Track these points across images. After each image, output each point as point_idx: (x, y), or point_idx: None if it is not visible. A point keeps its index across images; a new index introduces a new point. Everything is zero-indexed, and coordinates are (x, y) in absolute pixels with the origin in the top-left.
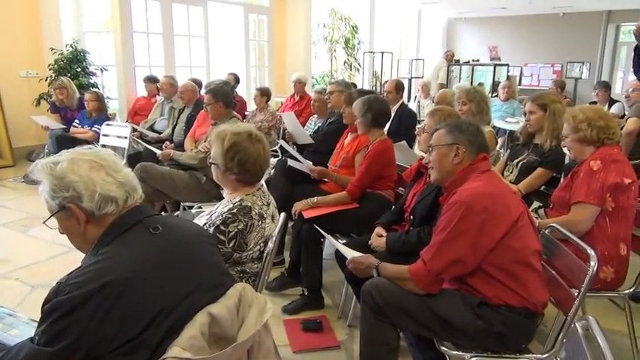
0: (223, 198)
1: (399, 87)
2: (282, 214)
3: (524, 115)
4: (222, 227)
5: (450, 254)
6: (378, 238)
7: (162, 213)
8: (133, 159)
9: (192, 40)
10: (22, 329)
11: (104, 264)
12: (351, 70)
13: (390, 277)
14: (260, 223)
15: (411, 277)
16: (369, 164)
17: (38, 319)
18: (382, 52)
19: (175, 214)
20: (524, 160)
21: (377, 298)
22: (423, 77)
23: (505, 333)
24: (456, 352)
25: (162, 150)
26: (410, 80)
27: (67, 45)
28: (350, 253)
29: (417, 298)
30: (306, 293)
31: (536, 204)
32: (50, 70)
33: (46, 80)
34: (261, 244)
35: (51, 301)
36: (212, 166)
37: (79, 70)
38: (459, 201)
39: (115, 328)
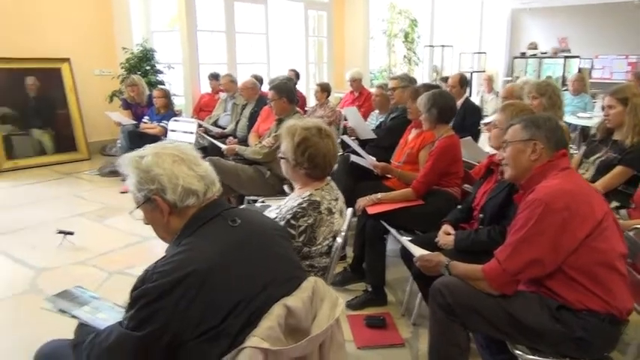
0: (286, 192)
1: (463, 81)
2: (350, 209)
3: (602, 110)
4: (292, 221)
5: (528, 254)
6: (446, 235)
7: None
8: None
9: (254, 38)
10: (108, 313)
11: (187, 254)
12: (410, 64)
13: (461, 276)
14: (329, 217)
15: (485, 276)
16: (435, 160)
17: (121, 304)
18: (442, 46)
19: (241, 207)
20: (603, 158)
21: (448, 297)
22: (485, 71)
23: (587, 339)
24: (531, 357)
25: (226, 145)
26: (472, 74)
27: (136, 44)
28: (417, 251)
29: (491, 298)
30: (370, 289)
31: (614, 204)
32: (122, 68)
33: (118, 78)
34: (330, 239)
35: (139, 288)
36: (282, 160)
37: (148, 68)
38: (538, 199)
39: (198, 316)
